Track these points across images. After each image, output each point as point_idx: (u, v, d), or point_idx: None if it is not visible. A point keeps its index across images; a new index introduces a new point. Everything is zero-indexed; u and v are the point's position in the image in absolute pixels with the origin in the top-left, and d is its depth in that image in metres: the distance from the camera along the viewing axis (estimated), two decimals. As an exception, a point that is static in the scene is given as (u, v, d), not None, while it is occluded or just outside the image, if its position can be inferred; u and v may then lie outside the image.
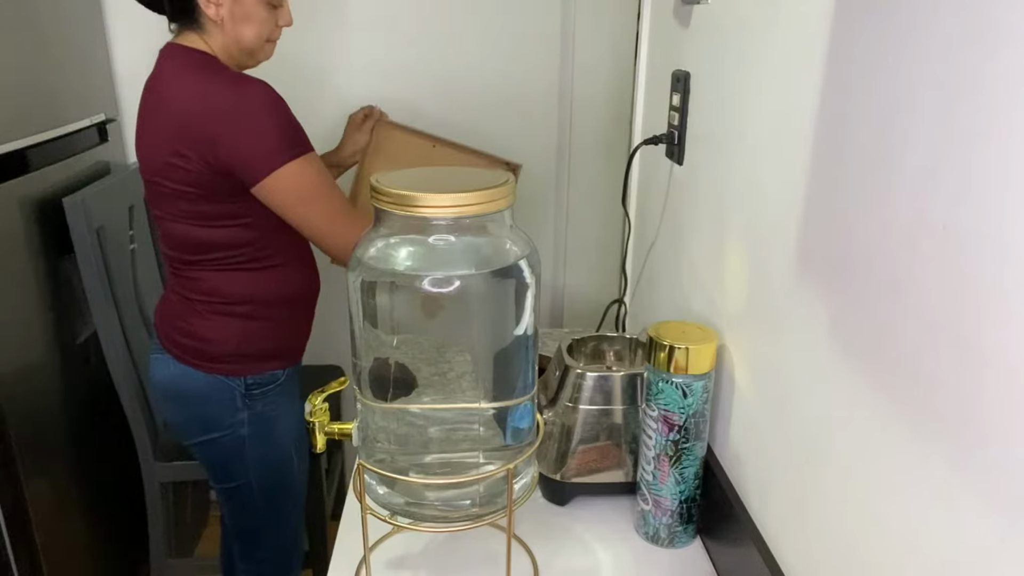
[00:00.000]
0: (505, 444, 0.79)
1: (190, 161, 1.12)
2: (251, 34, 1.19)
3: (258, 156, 1.12)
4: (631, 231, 1.49)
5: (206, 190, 1.15)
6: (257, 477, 1.33)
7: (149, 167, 1.19)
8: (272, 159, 1.12)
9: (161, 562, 1.76)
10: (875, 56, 0.57)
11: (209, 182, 1.14)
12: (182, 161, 1.13)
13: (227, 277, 1.22)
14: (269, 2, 1.20)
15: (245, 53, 1.21)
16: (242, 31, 1.18)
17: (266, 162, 1.12)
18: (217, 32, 1.17)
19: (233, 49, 1.20)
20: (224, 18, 1.16)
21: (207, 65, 1.16)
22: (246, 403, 1.27)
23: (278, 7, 1.22)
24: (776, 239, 0.77)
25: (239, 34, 1.18)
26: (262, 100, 1.12)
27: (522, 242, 0.76)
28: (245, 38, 1.19)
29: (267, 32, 1.22)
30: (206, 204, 1.16)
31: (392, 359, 0.76)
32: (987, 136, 0.45)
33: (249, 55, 1.22)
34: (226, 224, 1.18)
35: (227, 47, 1.19)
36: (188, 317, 1.24)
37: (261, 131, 1.12)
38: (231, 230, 1.19)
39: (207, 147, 1.11)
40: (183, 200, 1.17)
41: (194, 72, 1.15)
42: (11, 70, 1.39)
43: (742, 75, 0.87)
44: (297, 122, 1.17)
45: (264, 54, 1.25)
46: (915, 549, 0.53)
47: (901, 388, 0.54)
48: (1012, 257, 0.43)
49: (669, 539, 0.92)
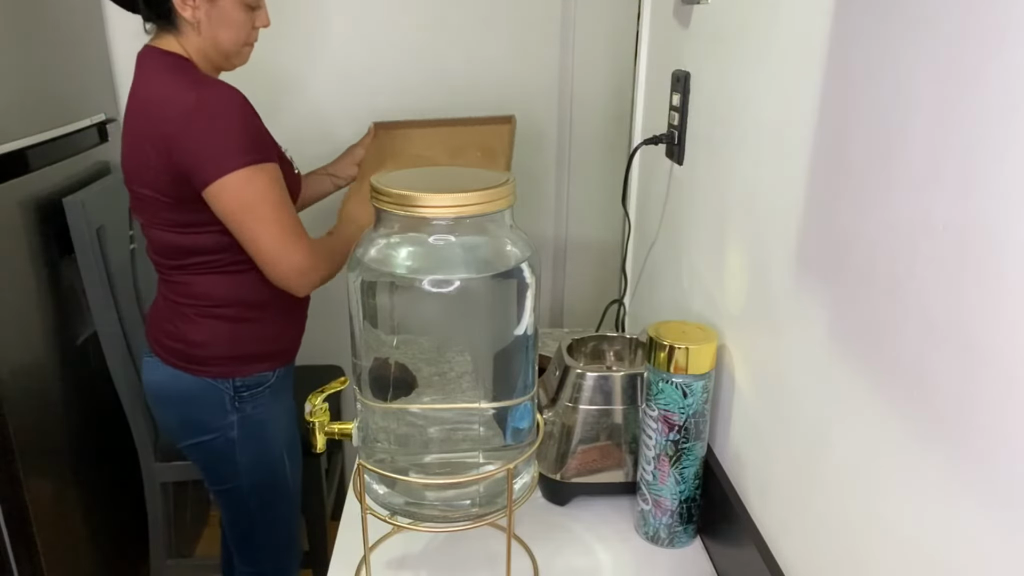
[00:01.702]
0: (505, 444, 0.79)
1: (155, 165, 1.11)
2: (228, 37, 1.17)
3: (209, 159, 1.09)
4: (631, 231, 1.49)
5: (172, 197, 1.13)
6: (249, 479, 1.32)
7: (128, 174, 1.18)
8: (223, 164, 1.08)
9: (161, 562, 1.76)
10: (875, 56, 0.57)
11: (172, 189, 1.12)
12: (150, 165, 1.12)
13: (211, 281, 1.21)
14: (246, 4, 1.18)
15: (222, 56, 1.19)
16: (219, 33, 1.16)
17: (216, 166, 1.08)
18: (193, 34, 1.15)
19: (210, 51, 1.18)
20: (201, 20, 1.14)
21: (178, 68, 1.14)
22: (235, 405, 1.26)
23: (256, 8, 1.20)
24: (776, 239, 0.77)
25: (216, 36, 1.16)
26: (224, 103, 1.10)
27: (522, 242, 0.76)
28: (222, 41, 1.17)
29: (244, 35, 1.20)
30: (178, 211, 1.15)
31: (392, 359, 0.76)
32: (987, 136, 0.45)
33: (226, 58, 1.20)
34: (202, 230, 1.16)
35: (203, 49, 1.17)
36: (175, 321, 1.24)
37: (217, 134, 1.09)
38: (208, 236, 1.17)
39: (165, 149, 1.09)
40: (159, 207, 1.16)
41: (164, 75, 1.13)
42: (11, 70, 1.39)
43: (742, 75, 0.87)
44: (262, 129, 1.14)
45: (241, 58, 1.23)
46: (915, 549, 0.53)
47: (901, 388, 0.54)
48: (1012, 257, 0.43)
49: (669, 539, 0.92)
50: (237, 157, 1.09)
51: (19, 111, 1.42)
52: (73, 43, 1.63)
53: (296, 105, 1.82)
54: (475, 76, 1.82)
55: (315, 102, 1.81)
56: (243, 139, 1.10)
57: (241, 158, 1.09)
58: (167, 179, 1.12)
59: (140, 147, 1.13)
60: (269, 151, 1.15)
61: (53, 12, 1.54)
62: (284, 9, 1.72)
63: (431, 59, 1.81)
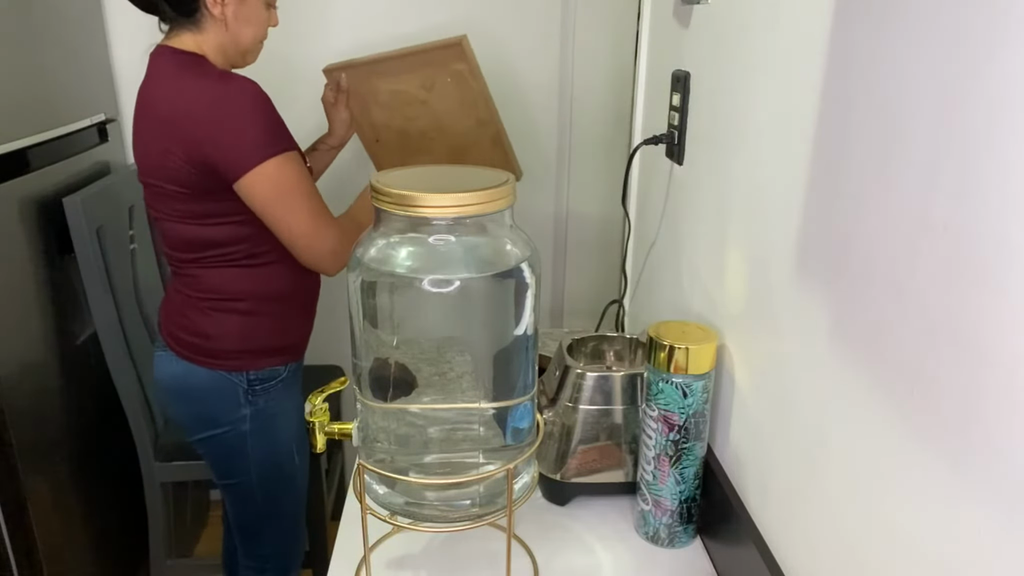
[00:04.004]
0: (505, 444, 0.79)
1: (178, 160, 1.13)
2: (250, 34, 1.22)
3: (239, 152, 1.12)
4: (631, 231, 1.49)
5: (195, 189, 1.16)
6: (258, 473, 1.34)
7: (144, 169, 1.20)
8: (253, 155, 1.12)
9: (161, 562, 1.76)
10: (875, 56, 0.57)
11: (197, 181, 1.14)
12: (171, 160, 1.14)
13: (226, 274, 1.23)
14: (267, 2, 1.23)
15: (240, 53, 1.23)
16: (242, 31, 1.20)
17: (247, 158, 1.12)
18: (217, 31, 1.18)
19: (230, 48, 1.21)
20: (228, 17, 1.17)
21: (195, 65, 1.16)
22: (248, 399, 1.28)
23: (272, 7, 1.25)
24: (776, 239, 0.77)
25: (239, 34, 1.20)
26: (245, 96, 1.13)
27: (522, 242, 0.76)
28: (244, 38, 1.21)
29: (263, 32, 1.24)
30: (198, 203, 1.17)
31: (392, 359, 0.76)
32: (987, 135, 0.45)
33: (244, 55, 1.24)
34: (220, 222, 1.19)
35: (223, 46, 1.20)
36: (190, 314, 1.25)
37: (243, 127, 1.12)
38: (226, 227, 1.19)
39: (192, 144, 1.12)
40: (177, 200, 1.18)
41: (181, 72, 1.16)
42: (11, 70, 1.39)
43: (742, 75, 0.87)
44: (281, 120, 1.17)
45: (253, 56, 1.27)
46: (915, 549, 0.53)
47: (901, 388, 0.54)
48: (1012, 257, 0.43)
49: (669, 539, 0.92)
50: (266, 148, 1.13)
51: (19, 111, 1.42)
52: (73, 43, 1.63)
53: (301, 97, 1.81)
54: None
55: (313, 102, 1.81)
56: (269, 129, 1.14)
57: (270, 148, 1.13)
58: (192, 172, 1.14)
59: (159, 143, 1.15)
60: (291, 140, 1.18)
61: (53, 12, 1.54)
62: (293, 1, 1.72)
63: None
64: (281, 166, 1.14)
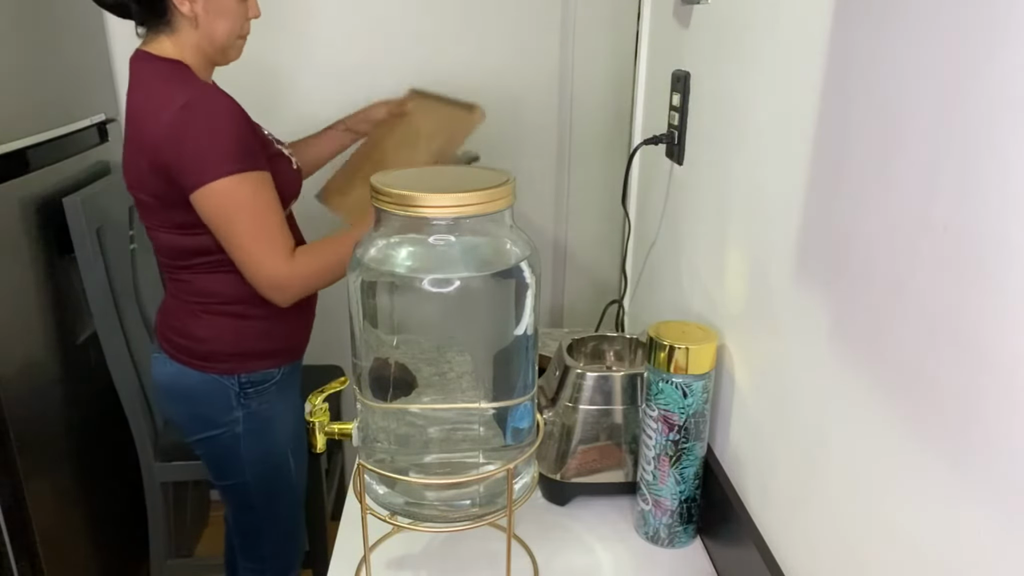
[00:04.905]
0: (505, 444, 0.79)
1: (147, 169, 1.12)
2: (224, 29, 1.17)
3: (197, 165, 1.09)
4: (631, 231, 1.49)
5: (163, 199, 1.14)
6: (254, 475, 1.33)
7: (128, 180, 1.20)
8: (209, 170, 1.08)
9: (161, 562, 1.76)
10: (875, 56, 0.57)
11: (161, 190, 1.13)
12: (144, 170, 1.13)
13: (216, 279, 1.22)
14: None
15: (218, 50, 1.19)
16: (215, 25, 1.16)
17: (203, 172, 1.09)
18: (190, 30, 1.15)
19: (206, 46, 1.17)
20: (198, 14, 1.14)
21: (173, 75, 1.14)
22: (241, 402, 1.28)
23: None
24: (776, 239, 0.77)
25: (213, 30, 1.16)
26: (214, 109, 1.10)
27: (522, 242, 0.76)
28: (218, 33, 1.17)
29: (239, 26, 1.19)
30: (171, 213, 1.16)
31: (392, 359, 0.76)
32: (987, 135, 0.45)
33: (222, 51, 1.19)
34: (203, 231, 1.16)
35: (200, 45, 1.17)
36: (182, 317, 1.25)
37: (205, 140, 1.09)
38: (209, 236, 1.17)
39: (154, 152, 1.10)
40: (154, 210, 1.17)
41: (156, 81, 1.14)
42: (11, 70, 1.39)
43: (742, 75, 0.87)
44: (251, 138, 1.13)
45: (236, 51, 1.22)
46: (915, 549, 0.53)
47: (901, 388, 0.54)
48: (1012, 257, 0.43)
49: (669, 539, 0.92)
50: (222, 165, 1.09)
51: (19, 111, 1.42)
52: (73, 43, 1.63)
53: (291, 103, 1.81)
54: (474, 76, 1.82)
55: (311, 102, 1.81)
56: (230, 147, 1.10)
57: (226, 166, 1.09)
58: (159, 182, 1.13)
59: (135, 152, 1.14)
60: (258, 159, 1.13)
61: (53, 12, 1.54)
62: (279, 6, 1.72)
63: (430, 59, 1.80)
64: (235, 186, 1.10)
